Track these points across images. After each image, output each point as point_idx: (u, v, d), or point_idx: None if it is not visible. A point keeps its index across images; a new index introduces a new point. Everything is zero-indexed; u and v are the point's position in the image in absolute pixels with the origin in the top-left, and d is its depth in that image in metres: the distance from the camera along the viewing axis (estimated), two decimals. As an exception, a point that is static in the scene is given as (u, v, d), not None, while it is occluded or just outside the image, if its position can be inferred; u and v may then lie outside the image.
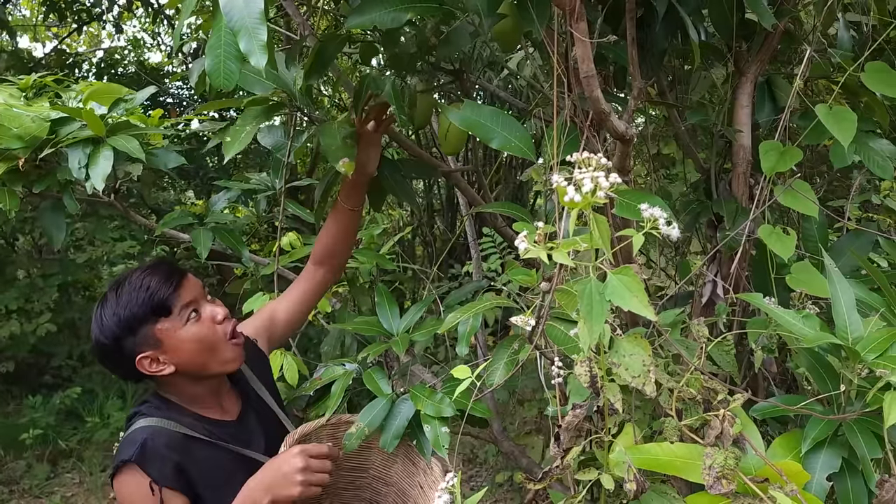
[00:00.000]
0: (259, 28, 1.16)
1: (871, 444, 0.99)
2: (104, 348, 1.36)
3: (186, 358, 1.36)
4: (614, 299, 0.83)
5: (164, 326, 1.34)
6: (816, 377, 1.08)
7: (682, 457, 0.99)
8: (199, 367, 1.38)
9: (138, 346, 1.34)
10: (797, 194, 1.33)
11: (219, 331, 1.39)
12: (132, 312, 1.33)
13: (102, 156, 1.88)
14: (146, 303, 1.33)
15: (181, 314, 1.35)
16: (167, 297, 1.34)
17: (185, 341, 1.35)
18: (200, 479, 1.35)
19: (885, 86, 1.32)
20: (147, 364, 1.35)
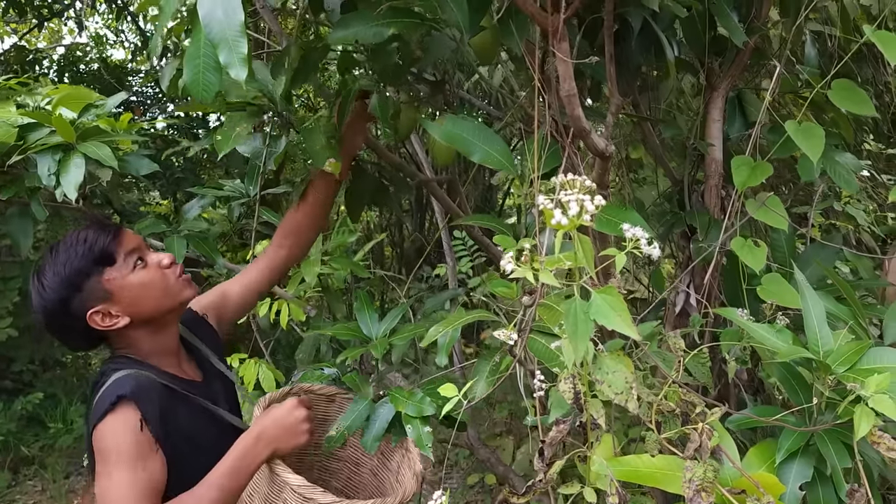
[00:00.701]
0: (239, 40, 1.16)
1: (842, 454, 1.03)
2: (51, 314, 1.30)
3: (139, 305, 1.31)
4: (599, 319, 0.85)
5: (110, 276, 1.29)
6: (789, 388, 1.12)
7: (661, 469, 1.01)
8: (153, 310, 1.33)
9: (87, 301, 1.28)
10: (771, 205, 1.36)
11: (168, 274, 1.35)
12: (74, 267, 1.27)
13: (73, 163, 1.84)
14: (87, 254, 1.28)
15: (126, 261, 1.31)
16: (108, 244, 1.29)
17: (134, 287, 1.30)
18: (179, 432, 1.30)
19: (851, 102, 1.37)
20: (99, 319, 1.29)
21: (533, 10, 1.07)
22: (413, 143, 2.32)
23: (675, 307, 1.52)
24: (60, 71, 6.25)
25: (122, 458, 1.19)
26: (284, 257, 1.66)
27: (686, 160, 1.57)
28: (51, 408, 4.72)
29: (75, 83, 6.36)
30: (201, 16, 1.17)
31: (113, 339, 1.35)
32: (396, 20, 1.23)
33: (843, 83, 1.38)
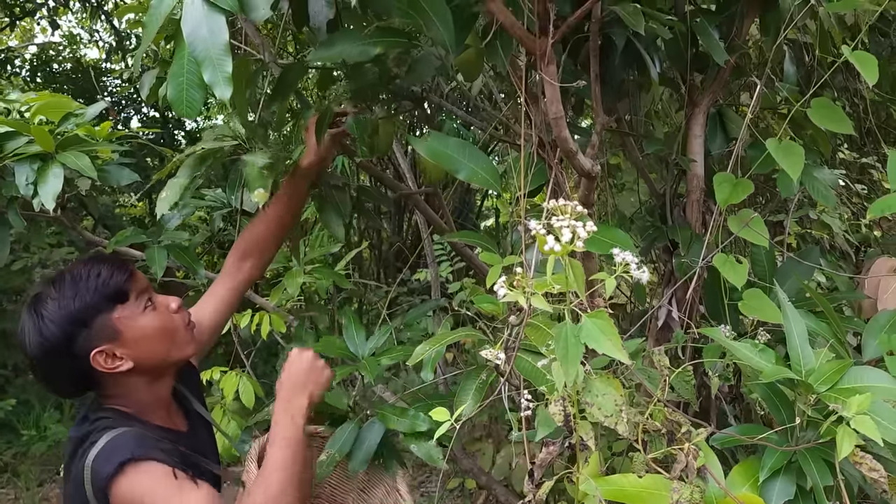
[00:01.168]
0: (224, 59, 1.16)
1: (824, 472, 1.05)
2: (50, 351, 1.21)
3: (146, 348, 1.25)
4: (589, 342, 0.86)
5: (122, 315, 1.23)
6: (772, 407, 1.14)
7: (647, 488, 1.03)
8: (159, 357, 1.28)
9: (93, 340, 1.21)
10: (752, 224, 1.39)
11: (176, 318, 1.32)
12: (85, 302, 1.20)
13: (52, 173, 1.82)
14: (100, 290, 1.21)
15: (138, 302, 1.25)
16: (123, 282, 1.24)
17: (145, 329, 1.25)
18: None
19: (829, 121, 1.39)
20: (103, 360, 1.22)
21: (521, 33, 1.08)
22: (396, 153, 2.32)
23: (657, 321, 1.53)
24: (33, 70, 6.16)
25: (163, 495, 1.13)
26: (247, 275, 1.61)
27: (668, 174, 1.59)
28: (24, 414, 4.64)
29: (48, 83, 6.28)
30: (186, 34, 1.16)
31: (107, 385, 1.28)
32: (382, 39, 1.23)
33: (822, 101, 1.41)
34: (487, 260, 1.31)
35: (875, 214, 1.29)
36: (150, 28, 1.24)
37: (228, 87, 1.15)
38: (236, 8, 1.16)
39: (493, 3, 1.04)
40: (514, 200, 1.30)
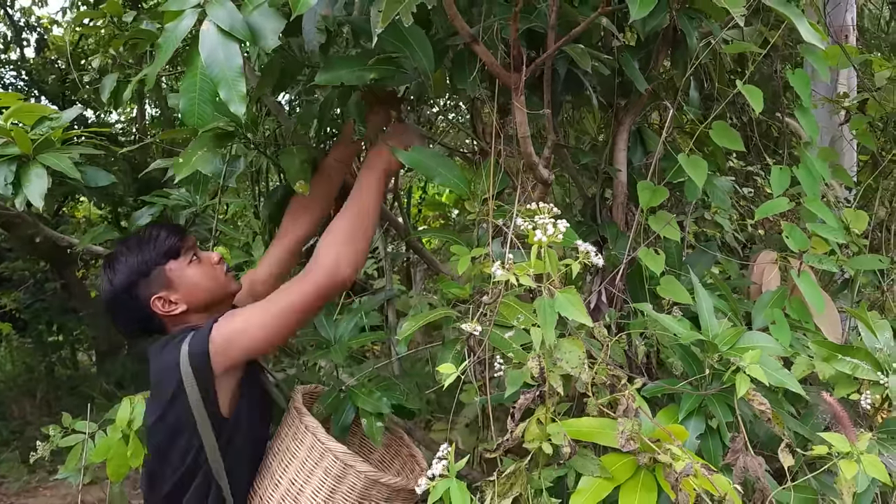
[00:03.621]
0: (238, 80, 1.35)
1: (726, 411, 1.37)
2: (117, 297, 1.54)
3: (195, 293, 1.57)
4: (562, 311, 1.14)
5: (172, 267, 1.55)
6: (685, 363, 1.46)
7: (598, 427, 1.32)
8: (206, 298, 1.58)
9: (152, 287, 1.53)
10: (664, 222, 1.71)
11: (217, 269, 1.62)
12: (145, 258, 1.53)
13: (34, 174, 1.93)
14: (157, 247, 1.54)
15: (186, 256, 1.57)
16: (176, 242, 1.56)
17: (191, 277, 1.56)
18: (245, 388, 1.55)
19: (727, 140, 1.73)
20: (160, 305, 1.54)
21: (497, 69, 1.35)
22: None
23: (590, 304, 1.84)
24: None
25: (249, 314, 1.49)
26: (299, 233, 1.83)
27: (598, 181, 1.90)
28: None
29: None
30: (203, 56, 1.35)
31: (166, 328, 1.59)
32: (377, 67, 1.47)
33: (721, 124, 1.75)
34: (457, 251, 1.57)
35: (761, 216, 1.64)
36: (166, 49, 1.40)
37: (242, 104, 1.35)
38: (248, 37, 1.36)
39: (476, 45, 1.30)
40: (481, 202, 1.56)
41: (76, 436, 2.35)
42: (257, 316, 1.49)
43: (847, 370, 1.37)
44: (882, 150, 2.08)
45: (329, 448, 1.47)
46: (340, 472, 1.46)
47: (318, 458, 1.48)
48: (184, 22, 1.35)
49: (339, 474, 1.46)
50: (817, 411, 1.53)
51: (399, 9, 1.11)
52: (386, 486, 1.48)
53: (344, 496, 1.46)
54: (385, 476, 1.47)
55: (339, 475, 1.46)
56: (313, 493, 1.47)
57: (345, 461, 1.45)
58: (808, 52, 1.70)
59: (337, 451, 1.46)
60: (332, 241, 1.52)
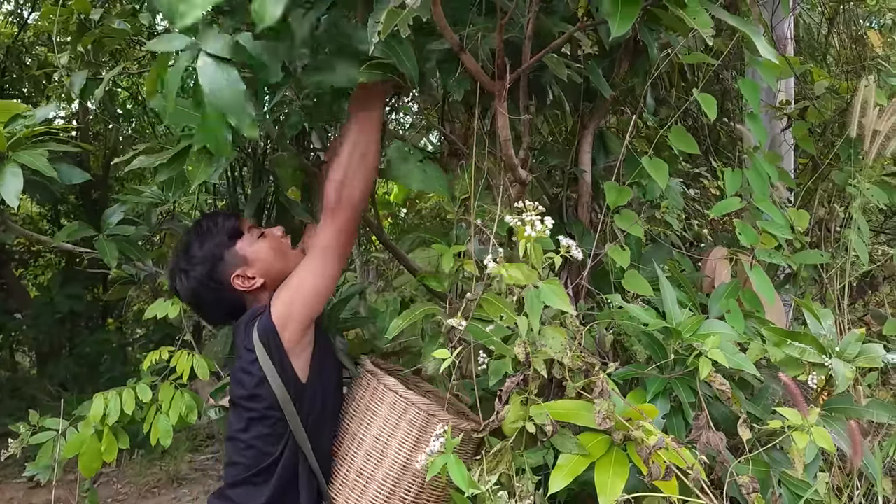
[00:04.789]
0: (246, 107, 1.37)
1: (688, 393, 1.50)
2: (201, 286, 1.63)
3: (270, 267, 1.65)
4: (546, 301, 1.25)
5: (242, 245, 1.64)
6: (651, 349, 1.58)
7: (575, 409, 1.43)
8: (280, 270, 1.64)
9: (229, 267, 1.62)
10: (629, 220, 1.84)
11: (284, 241, 1.72)
12: (213, 243, 1.63)
13: (9, 172, 1.94)
14: (221, 232, 1.64)
15: (251, 234, 1.67)
16: (235, 223, 1.66)
17: (262, 251, 1.65)
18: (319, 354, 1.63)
19: (683, 144, 1.86)
20: (240, 282, 1.63)
21: (483, 78, 1.45)
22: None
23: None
24: None
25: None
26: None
27: (564, 181, 2.02)
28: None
29: None
30: (206, 90, 1.35)
31: (249, 303, 1.67)
32: (363, 71, 1.55)
33: (679, 130, 1.88)
34: (439, 249, 1.66)
35: (717, 213, 1.78)
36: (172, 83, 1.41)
37: (254, 129, 1.37)
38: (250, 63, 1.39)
39: (464, 55, 1.39)
40: (461, 202, 1.66)
41: (46, 433, 2.35)
42: (303, 270, 1.57)
43: (796, 354, 1.52)
44: (821, 155, 2.26)
45: (412, 402, 1.54)
46: (424, 423, 1.53)
47: (401, 412, 1.56)
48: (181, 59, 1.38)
49: (423, 424, 1.53)
50: (767, 393, 1.68)
51: (397, 20, 1.20)
52: (463, 432, 1.53)
53: (406, 432, 1.54)
54: (464, 422, 1.54)
55: (424, 425, 1.53)
56: (399, 445, 1.55)
57: (428, 411, 1.53)
58: (756, 62, 1.85)
59: (420, 404, 1.54)
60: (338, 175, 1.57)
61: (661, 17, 1.52)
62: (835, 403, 1.54)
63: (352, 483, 1.60)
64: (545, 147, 2.20)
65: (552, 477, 1.36)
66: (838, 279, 2.04)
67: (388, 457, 1.57)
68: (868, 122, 1.87)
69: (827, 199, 2.22)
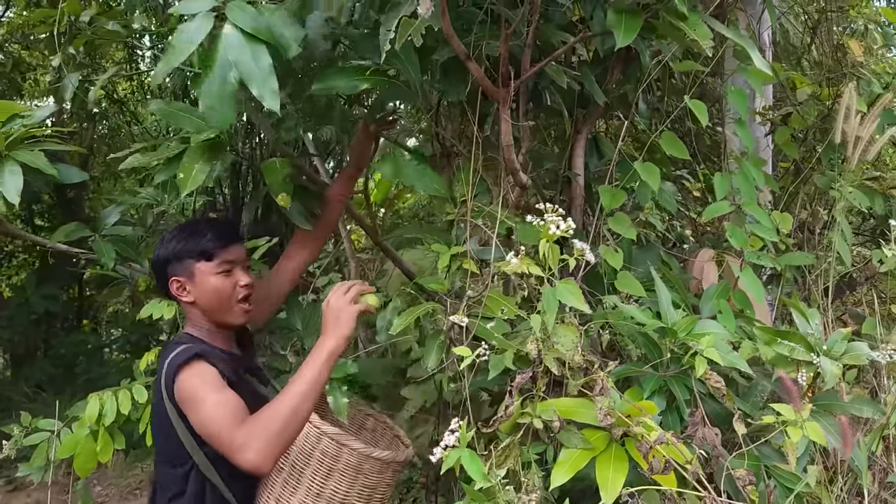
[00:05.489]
0: (270, 78, 1.38)
1: (683, 390, 1.56)
2: (155, 265, 1.71)
3: (204, 297, 1.67)
4: (562, 299, 1.29)
5: (201, 267, 1.66)
6: (647, 348, 1.64)
7: (576, 406, 1.48)
8: (212, 308, 1.68)
9: (176, 271, 1.67)
10: (623, 223, 1.89)
11: (237, 292, 1.69)
12: (185, 247, 1.66)
13: (8, 170, 1.94)
14: (196, 244, 1.66)
15: (218, 266, 1.66)
16: (215, 248, 1.66)
17: (208, 284, 1.66)
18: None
19: (675, 149, 1.92)
20: (175, 287, 1.68)
21: (487, 85, 1.49)
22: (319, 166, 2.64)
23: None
24: None
25: (207, 390, 1.50)
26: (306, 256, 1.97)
27: (558, 184, 2.07)
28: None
29: None
30: (232, 58, 1.38)
31: (183, 306, 1.73)
32: (370, 77, 1.59)
33: (669, 135, 1.94)
34: (438, 249, 1.71)
35: (709, 216, 1.84)
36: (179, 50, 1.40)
37: (276, 100, 1.38)
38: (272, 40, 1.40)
39: (470, 62, 1.44)
40: (460, 204, 1.70)
41: (41, 434, 2.35)
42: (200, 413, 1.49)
43: (785, 352, 1.58)
44: (803, 159, 2.34)
45: (324, 431, 1.59)
46: (336, 452, 1.58)
47: (314, 441, 1.60)
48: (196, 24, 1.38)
49: (334, 454, 1.58)
50: (756, 391, 1.74)
51: (411, 30, 1.23)
52: (377, 460, 1.61)
53: (340, 473, 1.59)
54: (376, 451, 1.61)
55: (335, 454, 1.58)
56: (313, 473, 1.59)
57: (339, 441, 1.58)
58: (744, 69, 1.92)
59: (331, 433, 1.58)
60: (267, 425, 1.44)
61: (657, 26, 1.58)
62: (822, 399, 1.61)
63: None
64: (539, 152, 2.25)
65: (554, 471, 1.40)
66: (822, 280, 2.12)
67: (303, 485, 1.61)
68: (850, 128, 1.95)
69: (809, 202, 2.30)
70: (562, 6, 1.69)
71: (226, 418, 1.46)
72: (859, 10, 2.51)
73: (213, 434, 1.47)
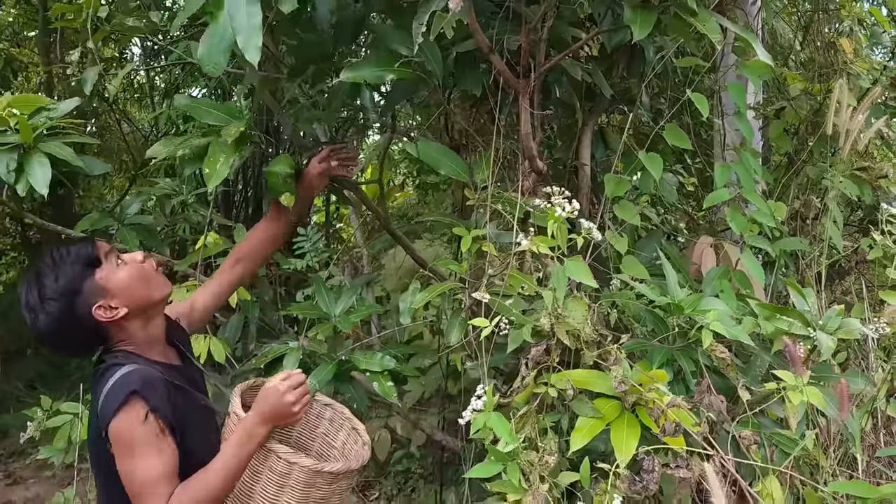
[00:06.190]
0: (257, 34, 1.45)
1: (689, 363, 1.66)
2: (58, 323, 1.50)
3: (130, 295, 1.55)
4: (572, 275, 1.40)
5: (101, 275, 1.53)
6: (654, 324, 1.74)
7: (590, 377, 1.58)
8: (143, 300, 1.58)
9: (88, 300, 1.51)
10: (628, 210, 2.00)
11: (145, 266, 1.61)
12: (70, 275, 1.50)
13: (37, 162, 2.01)
14: (76, 262, 1.51)
15: (109, 261, 1.56)
16: (90, 250, 1.54)
17: (123, 280, 1.55)
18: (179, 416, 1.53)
19: (679, 141, 2.03)
20: (102, 312, 1.52)
21: (508, 77, 1.59)
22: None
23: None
24: None
25: (141, 446, 1.44)
26: (237, 276, 1.96)
27: (566, 174, 2.18)
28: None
29: None
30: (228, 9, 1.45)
31: (112, 334, 1.59)
32: (394, 69, 1.68)
33: (672, 127, 2.05)
34: (459, 232, 1.80)
35: (710, 204, 1.95)
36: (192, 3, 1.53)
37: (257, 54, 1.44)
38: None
39: (493, 56, 1.54)
40: (480, 189, 1.80)
41: (62, 416, 2.43)
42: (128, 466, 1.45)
43: (784, 327, 1.69)
44: (795, 152, 2.46)
45: (272, 449, 1.57)
46: (285, 469, 1.57)
47: (262, 458, 1.59)
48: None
49: (283, 471, 1.57)
50: (756, 364, 1.85)
51: (443, 23, 1.33)
52: (329, 474, 1.59)
53: (291, 489, 1.57)
54: (327, 465, 1.60)
55: (285, 472, 1.57)
56: (262, 491, 1.58)
57: (287, 459, 1.56)
58: (743, 65, 2.03)
59: (279, 451, 1.56)
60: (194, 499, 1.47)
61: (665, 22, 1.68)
62: (818, 371, 1.72)
63: None
64: (548, 142, 2.35)
65: (573, 436, 1.50)
66: (815, 265, 2.24)
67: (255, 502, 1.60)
68: (841, 121, 2.06)
69: (801, 192, 2.42)
70: (573, 4, 1.79)
71: (156, 483, 1.44)
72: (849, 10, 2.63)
73: (136, 494, 1.45)
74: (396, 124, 2.15)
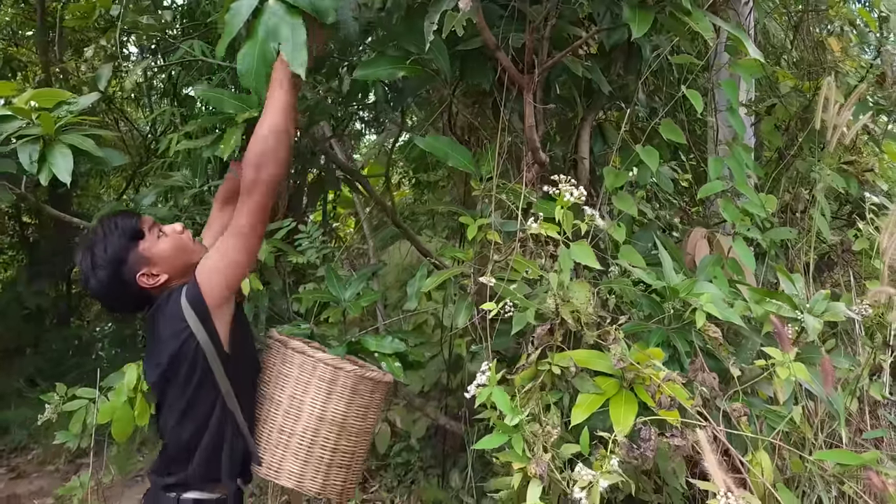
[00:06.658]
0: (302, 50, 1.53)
1: (684, 343, 1.76)
2: (107, 287, 1.69)
3: (171, 262, 1.72)
4: (577, 258, 1.49)
5: (144, 246, 1.69)
6: (651, 307, 1.84)
7: (591, 356, 1.67)
8: (184, 265, 1.73)
9: (133, 268, 1.68)
10: (626, 201, 2.10)
11: (183, 237, 1.77)
12: (117, 246, 1.67)
13: (59, 152, 2.09)
14: (123, 235, 1.68)
15: (151, 234, 1.72)
16: (135, 224, 1.71)
17: (165, 249, 1.72)
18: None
19: (674, 135, 2.13)
20: (146, 280, 1.70)
21: (513, 72, 1.69)
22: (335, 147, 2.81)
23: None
24: None
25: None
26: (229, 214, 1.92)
27: (565, 167, 2.27)
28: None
29: None
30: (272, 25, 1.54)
31: (156, 295, 1.74)
32: (406, 66, 1.78)
33: (668, 122, 2.15)
34: (466, 221, 1.90)
35: (704, 195, 2.05)
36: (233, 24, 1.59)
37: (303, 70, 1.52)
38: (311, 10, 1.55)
39: (499, 52, 1.63)
40: (486, 180, 1.89)
41: (78, 401, 2.50)
42: (225, 245, 1.65)
43: (773, 310, 1.79)
44: (785, 147, 2.56)
45: (319, 359, 1.73)
46: (332, 376, 1.73)
47: (310, 370, 1.74)
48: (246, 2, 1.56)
49: (331, 378, 1.73)
50: (747, 346, 1.95)
51: (454, 22, 1.43)
52: (370, 380, 1.76)
53: (338, 395, 1.73)
54: (367, 371, 1.76)
55: (332, 378, 1.73)
56: (312, 400, 1.73)
57: (334, 365, 1.72)
58: (735, 63, 2.13)
59: (326, 359, 1.73)
60: (254, 155, 1.60)
61: (661, 21, 1.78)
62: (805, 351, 1.82)
63: (275, 440, 1.76)
64: (548, 136, 2.45)
65: (574, 411, 1.60)
66: (804, 255, 2.34)
67: (305, 411, 1.74)
68: (829, 117, 2.16)
69: (791, 185, 2.52)
70: (574, 3, 1.89)
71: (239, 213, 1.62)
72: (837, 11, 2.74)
73: (245, 223, 1.61)
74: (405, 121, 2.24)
